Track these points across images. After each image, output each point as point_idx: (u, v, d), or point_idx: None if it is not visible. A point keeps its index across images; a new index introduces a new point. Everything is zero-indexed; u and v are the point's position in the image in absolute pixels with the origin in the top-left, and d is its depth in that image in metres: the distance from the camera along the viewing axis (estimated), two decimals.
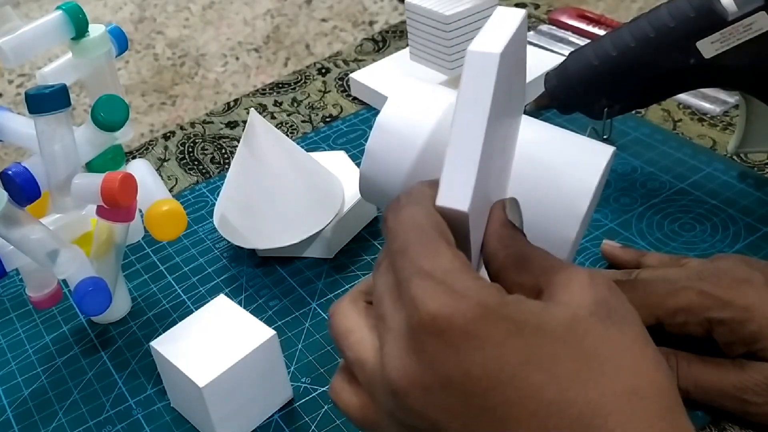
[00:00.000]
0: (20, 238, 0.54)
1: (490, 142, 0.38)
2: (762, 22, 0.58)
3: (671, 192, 0.69)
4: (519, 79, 0.43)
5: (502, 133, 0.42)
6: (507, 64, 0.39)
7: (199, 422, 0.55)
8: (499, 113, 0.39)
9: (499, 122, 0.40)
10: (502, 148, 0.43)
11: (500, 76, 0.38)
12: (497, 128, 0.40)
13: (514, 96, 0.43)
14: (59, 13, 0.59)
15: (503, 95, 0.39)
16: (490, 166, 0.40)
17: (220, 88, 2.09)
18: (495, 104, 0.38)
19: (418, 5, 0.77)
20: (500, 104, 0.39)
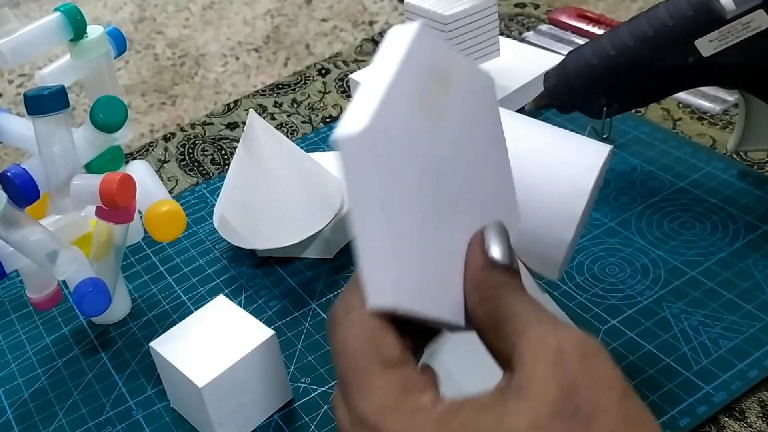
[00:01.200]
0: (20, 239, 0.54)
1: (407, 220, 0.33)
2: (760, 20, 0.58)
3: (671, 191, 0.69)
4: (455, 95, 0.37)
5: (456, 167, 0.36)
6: (401, 110, 0.33)
7: (199, 423, 0.55)
8: (416, 170, 0.34)
9: (430, 173, 0.35)
10: (473, 178, 0.38)
11: (376, 149, 0.31)
12: (427, 185, 0.34)
13: (458, 121, 0.37)
14: (57, 14, 0.59)
15: (418, 146, 0.34)
16: (433, 230, 0.35)
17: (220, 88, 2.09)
18: (391, 179, 0.32)
19: (417, 5, 0.77)
20: (414, 160, 0.34)
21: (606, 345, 0.56)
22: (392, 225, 0.33)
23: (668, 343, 0.56)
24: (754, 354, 0.55)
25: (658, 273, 0.62)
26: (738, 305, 0.58)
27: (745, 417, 0.52)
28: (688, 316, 0.58)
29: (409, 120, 0.34)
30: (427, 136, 0.34)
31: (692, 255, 0.63)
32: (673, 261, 0.62)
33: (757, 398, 0.53)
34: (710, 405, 0.52)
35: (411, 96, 0.34)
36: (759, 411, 0.52)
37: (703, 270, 0.61)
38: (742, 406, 0.53)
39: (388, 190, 0.32)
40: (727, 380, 0.53)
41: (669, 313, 0.58)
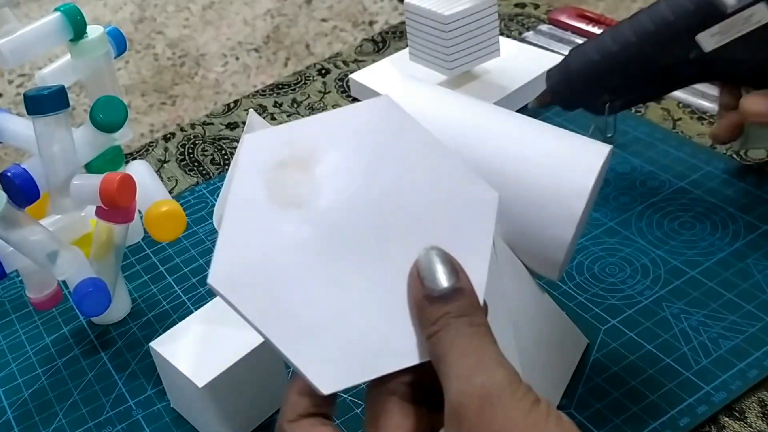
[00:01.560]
0: (20, 239, 0.54)
1: (307, 309, 0.36)
2: (761, 14, 0.58)
3: (671, 190, 0.69)
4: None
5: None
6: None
7: (199, 423, 0.55)
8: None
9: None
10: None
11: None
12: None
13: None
14: (57, 14, 0.59)
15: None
16: (353, 291, 0.37)
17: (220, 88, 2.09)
18: (275, 288, 0.36)
19: (417, 5, 0.77)
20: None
21: (606, 345, 0.57)
22: (295, 321, 0.35)
23: (668, 343, 0.56)
24: (754, 354, 0.55)
25: (658, 273, 0.62)
26: (738, 305, 0.58)
27: (745, 417, 0.52)
28: (688, 316, 0.58)
29: (262, 229, 0.37)
30: (296, 217, 0.37)
31: (692, 255, 0.63)
32: (673, 261, 0.62)
33: (757, 398, 0.53)
34: (710, 405, 0.52)
35: (254, 203, 0.37)
36: (759, 411, 0.52)
37: (703, 270, 0.61)
38: (742, 406, 0.53)
39: (273, 301, 0.36)
40: (727, 380, 0.53)
41: (669, 313, 0.58)
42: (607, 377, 0.55)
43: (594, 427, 0.52)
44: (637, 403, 0.53)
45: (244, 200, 0.37)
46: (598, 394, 0.54)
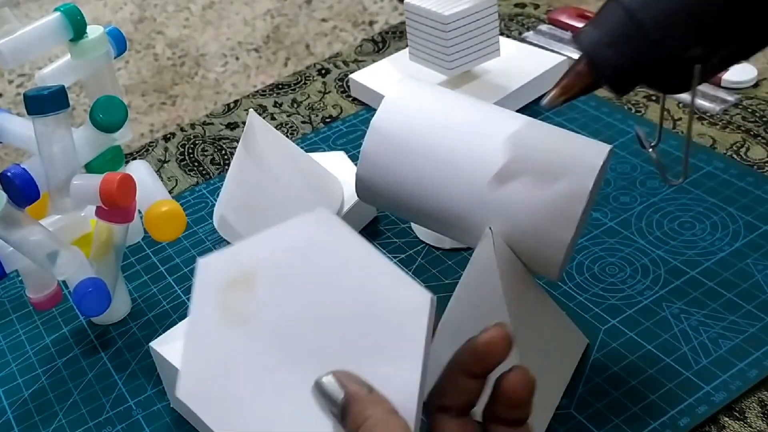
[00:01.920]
0: (20, 239, 0.54)
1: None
2: None
3: (671, 190, 0.69)
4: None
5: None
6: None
7: (199, 423, 0.55)
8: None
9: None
10: None
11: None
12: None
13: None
14: (57, 14, 0.60)
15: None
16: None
17: (220, 88, 2.09)
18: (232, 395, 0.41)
19: (417, 5, 0.77)
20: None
21: (606, 345, 0.57)
22: (245, 426, 0.40)
23: (668, 343, 0.56)
24: (754, 354, 0.55)
25: (658, 273, 0.62)
26: (738, 305, 0.58)
27: (745, 417, 0.52)
28: (688, 316, 0.58)
29: (217, 345, 0.42)
30: (245, 334, 0.41)
31: (692, 255, 0.63)
32: (673, 261, 0.62)
33: (757, 398, 0.53)
34: (710, 405, 0.52)
35: (209, 322, 0.42)
36: (759, 411, 0.52)
37: (703, 270, 0.61)
38: (742, 406, 0.53)
39: (228, 409, 0.41)
40: (727, 380, 0.53)
41: (669, 313, 0.58)
42: (607, 377, 0.55)
43: (594, 427, 0.52)
44: (637, 403, 0.53)
45: (200, 321, 0.42)
46: (598, 394, 0.54)
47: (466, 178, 0.49)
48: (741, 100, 0.78)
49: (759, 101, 0.77)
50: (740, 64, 0.80)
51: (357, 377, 0.39)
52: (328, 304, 0.41)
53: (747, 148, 0.72)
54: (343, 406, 0.38)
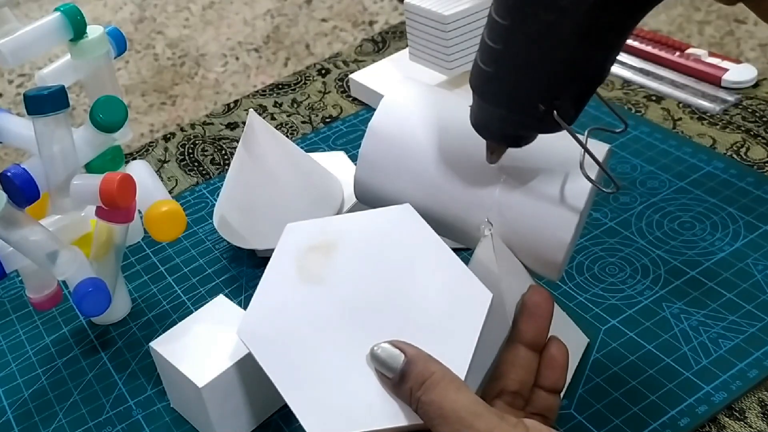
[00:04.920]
0: (20, 239, 0.54)
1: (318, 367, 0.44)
2: None
3: (671, 190, 0.69)
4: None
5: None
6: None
7: (199, 423, 0.55)
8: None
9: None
10: None
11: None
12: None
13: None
14: (57, 14, 0.60)
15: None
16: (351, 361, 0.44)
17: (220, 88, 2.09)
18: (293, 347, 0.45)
19: (417, 5, 0.77)
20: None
21: (606, 345, 0.57)
22: (302, 376, 0.43)
23: (668, 343, 0.56)
24: (754, 354, 0.55)
25: (658, 273, 0.62)
26: (738, 305, 0.58)
27: (745, 417, 0.52)
28: (688, 316, 0.58)
29: (287, 297, 0.46)
30: (315, 292, 0.46)
31: (692, 255, 0.63)
32: (673, 261, 0.62)
33: (757, 398, 0.53)
34: (710, 405, 0.52)
35: (285, 276, 0.47)
36: (759, 411, 0.52)
37: (703, 270, 0.61)
38: (742, 406, 0.53)
39: (286, 357, 0.44)
40: (727, 380, 0.53)
41: (669, 313, 0.58)
42: (607, 377, 0.55)
43: (594, 427, 0.52)
44: (637, 403, 0.53)
45: (277, 272, 0.47)
46: (598, 394, 0.54)
47: (465, 179, 0.49)
48: (741, 100, 0.78)
49: (759, 101, 0.77)
50: (740, 64, 0.80)
51: (411, 344, 0.43)
52: (397, 284, 0.45)
53: (747, 148, 0.72)
54: (404, 368, 0.41)
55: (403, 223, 0.47)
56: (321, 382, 0.43)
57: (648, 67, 0.84)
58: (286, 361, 0.44)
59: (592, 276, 0.62)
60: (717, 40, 1.89)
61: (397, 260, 0.46)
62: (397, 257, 0.46)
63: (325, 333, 0.44)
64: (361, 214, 0.48)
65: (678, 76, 0.82)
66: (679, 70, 0.82)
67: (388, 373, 0.42)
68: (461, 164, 0.49)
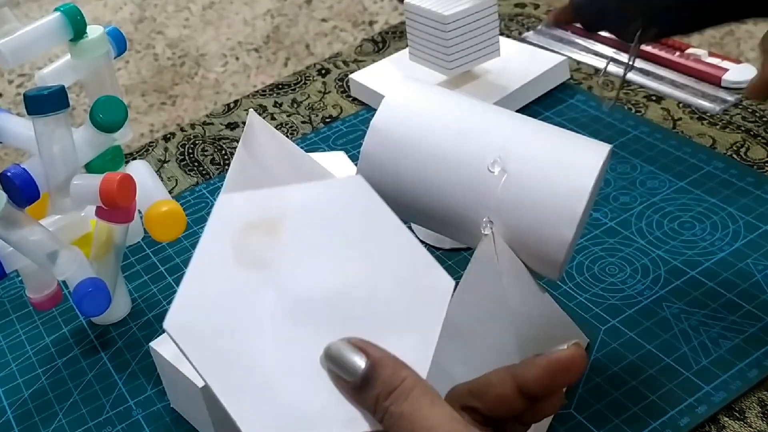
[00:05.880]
0: (20, 239, 0.54)
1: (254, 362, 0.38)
2: None
3: (671, 190, 0.69)
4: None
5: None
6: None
7: (199, 423, 0.55)
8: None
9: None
10: None
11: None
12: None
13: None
14: (57, 14, 0.60)
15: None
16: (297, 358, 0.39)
17: (220, 88, 2.09)
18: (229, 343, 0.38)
19: (417, 5, 0.77)
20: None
21: (606, 345, 0.57)
22: (240, 376, 0.37)
23: (668, 343, 0.56)
24: (754, 354, 0.55)
25: (658, 273, 0.62)
26: (738, 305, 0.58)
27: (745, 417, 0.52)
28: (688, 316, 0.58)
29: (223, 284, 0.39)
30: (257, 279, 0.39)
31: (692, 255, 0.63)
32: (673, 261, 0.62)
33: (757, 398, 0.53)
34: (710, 405, 0.52)
35: (220, 259, 0.40)
36: (759, 411, 0.52)
37: (703, 270, 0.61)
38: (742, 406, 0.53)
39: (222, 353, 0.38)
40: (727, 380, 0.53)
41: (669, 313, 0.58)
42: (607, 377, 0.55)
43: (594, 427, 0.52)
44: (637, 403, 0.53)
45: (210, 254, 0.40)
46: (598, 394, 0.54)
47: (466, 178, 0.49)
48: (741, 100, 0.78)
49: (759, 101, 0.77)
50: (740, 64, 0.80)
51: (374, 344, 0.38)
52: (351, 270, 0.40)
53: (747, 148, 0.72)
54: (367, 372, 0.36)
55: (356, 199, 0.41)
56: (264, 384, 0.38)
57: (648, 67, 0.84)
58: (223, 358, 0.38)
59: (592, 276, 0.62)
60: (717, 40, 1.89)
61: (352, 242, 0.40)
62: (351, 238, 0.40)
63: (267, 327, 0.39)
64: (306, 186, 0.42)
65: (678, 76, 0.82)
66: (679, 70, 0.82)
67: (346, 376, 0.37)
68: (462, 163, 0.49)
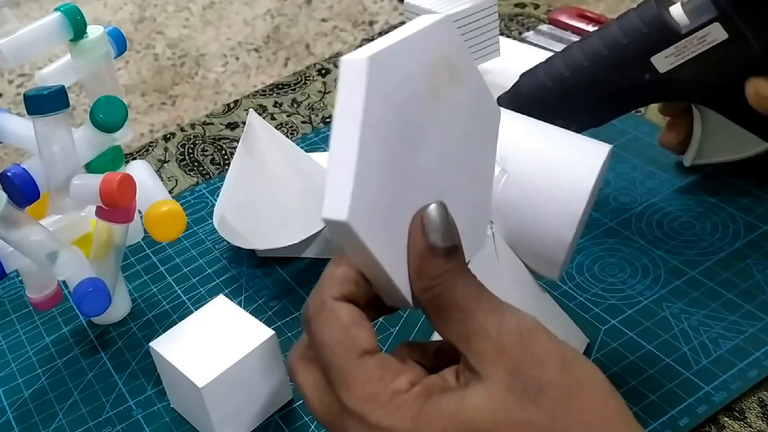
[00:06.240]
0: (20, 239, 0.54)
1: (388, 155, 0.35)
2: (716, 34, 0.57)
3: (671, 190, 0.69)
4: (460, 92, 0.39)
5: (437, 151, 0.38)
6: (401, 71, 0.35)
7: (199, 423, 0.55)
8: (406, 125, 0.36)
9: (417, 136, 0.37)
10: (451, 168, 0.39)
11: (380, 82, 0.34)
12: (411, 142, 0.37)
13: (453, 110, 0.39)
14: (57, 14, 0.59)
15: (408, 106, 0.36)
16: (413, 186, 0.37)
17: (220, 88, 2.09)
18: (381, 113, 0.35)
19: (417, 5, 0.77)
20: (404, 116, 0.36)
21: (606, 345, 0.57)
22: (369, 149, 0.35)
23: (668, 343, 0.56)
24: (754, 354, 0.55)
25: (658, 273, 0.62)
26: (738, 305, 0.58)
27: (745, 417, 0.52)
28: (688, 316, 0.58)
29: (411, 77, 0.36)
30: (423, 106, 0.37)
31: (692, 255, 0.63)
32: (673, 261, 0.62)
33: (757, 398, 0.53)
34: (710, 405, 0.52)
35: (420, 62, 0.36)
36: (759, 411, 0.52)
37: (703, 270, 0.61)
38: (742, 406, 0.53)
39: (378, 117, 0.35)
40: (727, 380, 0.53)
41: (669, 313, 0.58)
42: (607, 377, 0.55)
43: None
44: (637, 403, 0.53)
45: (417, 51, 0.36)
46: None
47: None
48: None
49: None
50: None
51: None
52: (448, 120, 0.39)
53: None
54: (455, 246, 0.36)
55: (446, 44, 0.38)
56: (373, 169, 0.35)
57: None
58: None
59: (592, 276, 0.62)
60: None
61: (444, 93, 0.38)
62: (443, 89, 0.38)
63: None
64: (406, 37, 0.36)
65: None
66: None
67: (437, 238, 0.36)
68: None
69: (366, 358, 0.35)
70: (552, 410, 0.34)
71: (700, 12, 0.57)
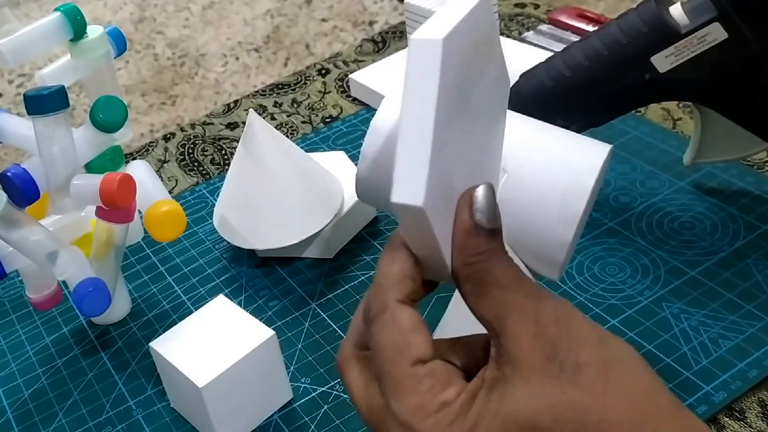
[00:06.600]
0: (20, 239, 0.54)
1: (448, 133, 0.36)
2: (716, 33, 0.57)
3: (671, 191, 0.69)
4: (492, 67, 0.40)
5: (473, 124, 0.39)
6: (460, 50, 0.36)
7: (199, 423, 0.55)
8: (459, 102, 0.37)
9: (463, 112, 0.37)
10: (478, 141, 0.41)
11: (448, 62, 0.34)
12: (460, 118, 0.37)
13: (485, 85, 0.40)
14: (57, 14, 0.60)
15: (461, 84, 0.37)
16: (457, 160, 0.37)
17: (220, 88, 2.09)
18: (447, 93, 0.35)
19: (417, 5, 0.77)
20: (459, 93, 0.37)
21: None
22: (442, 135, 0.35)
23: (668, 343, 0.56)
24: (754, 354, 0.55)
25: (658, 273, 0.62)
26: (738, 305, 0.58)
27: (745, 417, 0.52)
28: (688, 316, 0.58)
29: (465, 56, 0.36)
30: (469, 84, 0.37)
31: (692, 255, 0.63)
32: (673, 261, 0.62)
33: (757, 398, 0.53)
34: (710, 405, 0.52)
35: (470, 41, 0.36)
36: (759, 411, 0.52)
37: (703, 270, 0.61)
38: (742, 406, 0.53)
39: (447, 99, 0.35)
40: (727, 380, 0.53)
41: (669, 313, 0.58)
42: None
43: None
44: None
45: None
46: None
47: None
48: None
49: None
50: None
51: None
52: (481, 88, 0.39)
53: None
54: (498, 229, 0.37)
55: (480, 19, 0.38)
56: (441, 150, 0.35)
57: None
58: (440, 99, 0.34)
59: (592, 276, 0.62)
60: None
61: (479, 68, 0.38)
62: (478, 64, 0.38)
63: (465, 118, 0.37)
64: (448, 15, 0.36)
65: None
66: None
67: (485, 217, 0.37)
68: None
69: (418, 367, 0.36)
70: (591, 387, 0.34)
71: (700, 12, 0.57)
